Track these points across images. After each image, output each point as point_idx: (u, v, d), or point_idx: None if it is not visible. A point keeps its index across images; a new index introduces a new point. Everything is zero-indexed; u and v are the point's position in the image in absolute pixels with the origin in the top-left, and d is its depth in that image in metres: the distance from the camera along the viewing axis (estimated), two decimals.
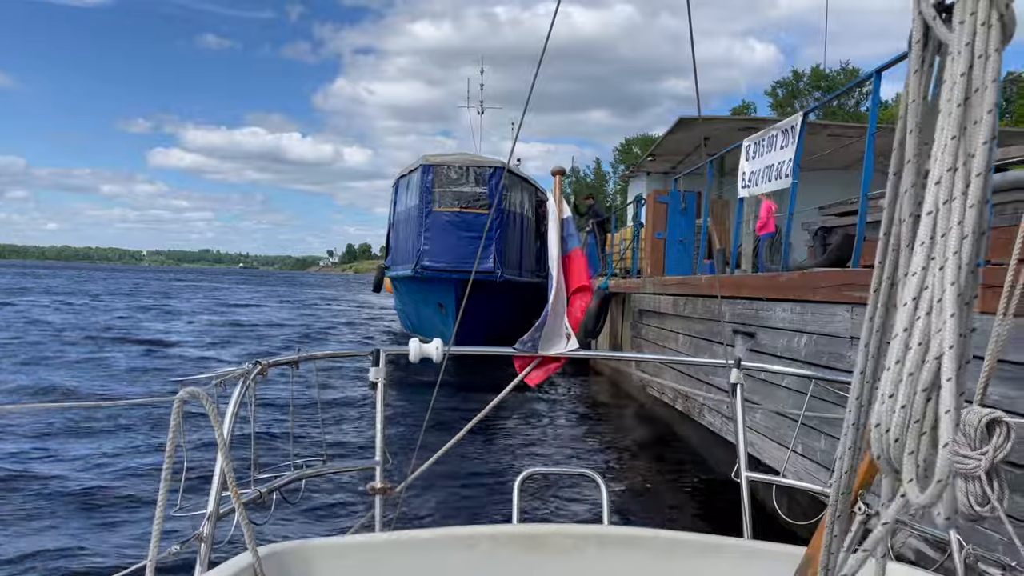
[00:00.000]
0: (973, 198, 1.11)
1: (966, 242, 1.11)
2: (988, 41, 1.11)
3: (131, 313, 39.81)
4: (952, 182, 1.13)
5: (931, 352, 1.13)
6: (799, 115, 9.82)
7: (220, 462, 2.74)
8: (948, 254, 1.12)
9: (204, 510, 2.80)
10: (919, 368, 1.14)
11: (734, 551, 3.20)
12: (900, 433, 1.15)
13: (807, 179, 15.59)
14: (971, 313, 1.14)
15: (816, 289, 7.51)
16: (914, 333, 1.16)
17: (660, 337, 14.30)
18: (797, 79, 61.48)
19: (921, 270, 1.16)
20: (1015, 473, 4.51)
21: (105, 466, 10.07)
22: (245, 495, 3.03)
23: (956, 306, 1.12)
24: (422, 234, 22.97)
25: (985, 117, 1.10)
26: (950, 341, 1.11)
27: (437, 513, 8.34)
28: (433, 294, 23.16)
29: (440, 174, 23.24)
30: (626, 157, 75.65)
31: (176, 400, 2.51)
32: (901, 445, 1.15)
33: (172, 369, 19.41)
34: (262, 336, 30.66)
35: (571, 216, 4.85)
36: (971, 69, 1.11)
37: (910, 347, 1.15)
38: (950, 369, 1.11)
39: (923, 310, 1.15)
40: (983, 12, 1.11)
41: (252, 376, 3.19)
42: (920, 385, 1.13)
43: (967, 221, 1.11)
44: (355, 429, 12.75)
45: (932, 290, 1.14)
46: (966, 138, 1.12)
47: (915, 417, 1.14)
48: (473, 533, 3.31)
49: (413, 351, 4.03)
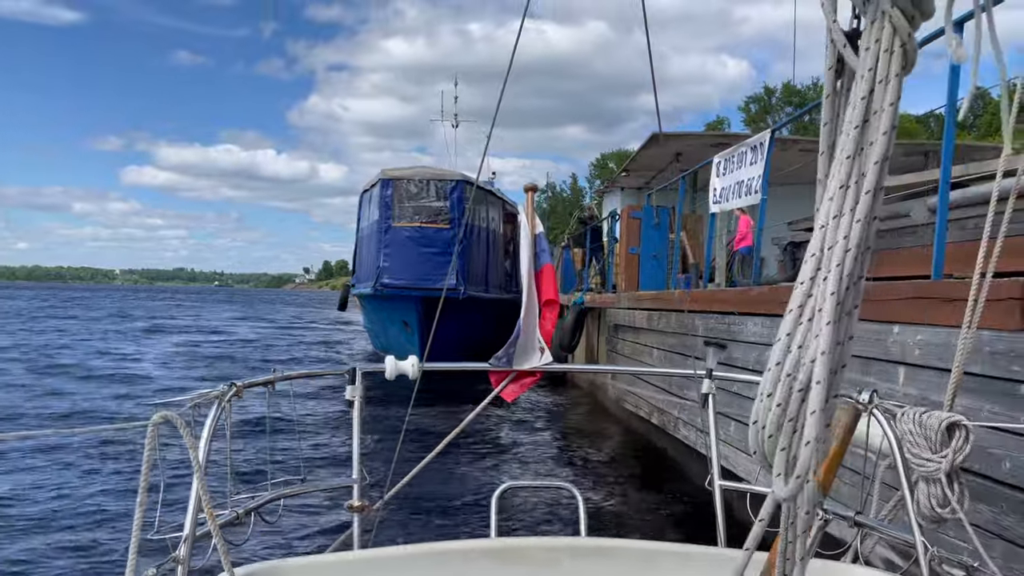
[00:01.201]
0: (860, 214, 1.18)
1: (849, 255, 1.18)
2: (890, 67, 1.19)
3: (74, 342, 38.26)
4: (843, 198, 1.20)
5: (807, 356, 1.19)
6: (767, 132, 9.97)
7: (195, 484, 2.77)
8: (832, 266, 1.19)
9: (181, 532, 2.83)
10: (796, 370, 1.20)
11: (708, 559, 3.23)
12: (774, 430, 1.21)
13: (780, 194, 15.75)
14: (852, 323, 1.21)
15: (784, 303, 7.60)
16: (795, 337, 1.22)
17: (635, 352, 14.39)
18: (769, 95, 62.08)
19: (809, 280, 1.23)
20: (976, 481, 4.61)
21: (82, 490, 10.01)
22: (222, 516, 3.05)
23: (834, 315, 1.17)
24: (381, 250, 22.32)
25: (880, 138, 1.18)
26: (823, 347, 1.17)
27: (416, 529, 8.36)
28: (397, 312, 22.45)
29: (400, 188, 22.64)
30: (602, 172, 75.93)
31: (150, 424, 2.54)
32: (774, 441, 1.22)
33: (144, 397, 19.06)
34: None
35: (543, 232, 4.91)
36: (872, 93, 1.19)
37: (790, 350, 1.21)
38: (821, 373, 1.17)
39: (806, 316, 1.22)
40: (887, 40, 1.19)
41: (227, 398, 3.22)
42: (796, 386, 1.19)
43: (852, 235, 1.18)
44: (332, 447, 12.73)
45: (815, 299, 1.21)
46: (861, 157, 1.20)
47: (789, 416, 1.20)
48: (449, 549, 3.35)
49: (389, 369, 4.07)
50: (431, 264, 21.53)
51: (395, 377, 4.07)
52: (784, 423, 1.21)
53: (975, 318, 3.31)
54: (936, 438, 2.43)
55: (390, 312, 23.21)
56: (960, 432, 2.43)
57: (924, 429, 2.46)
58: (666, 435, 11.96)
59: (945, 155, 5.84)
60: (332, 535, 6.93)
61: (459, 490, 10.25)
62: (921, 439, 2.45)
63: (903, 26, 1.18)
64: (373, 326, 28.85)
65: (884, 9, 1.19)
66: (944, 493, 2.43)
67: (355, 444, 3.80)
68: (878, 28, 1.20)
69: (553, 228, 64.42)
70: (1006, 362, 4.54)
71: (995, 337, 4.63)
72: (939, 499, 2.45)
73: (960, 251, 5.53)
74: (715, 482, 3.82)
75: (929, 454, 2.44)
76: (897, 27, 1.19)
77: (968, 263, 5.11)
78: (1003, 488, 4.45)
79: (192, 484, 2.80)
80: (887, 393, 5.61)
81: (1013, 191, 3.24)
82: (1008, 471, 4.41)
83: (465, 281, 21.55)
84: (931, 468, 2.43)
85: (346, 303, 29.16)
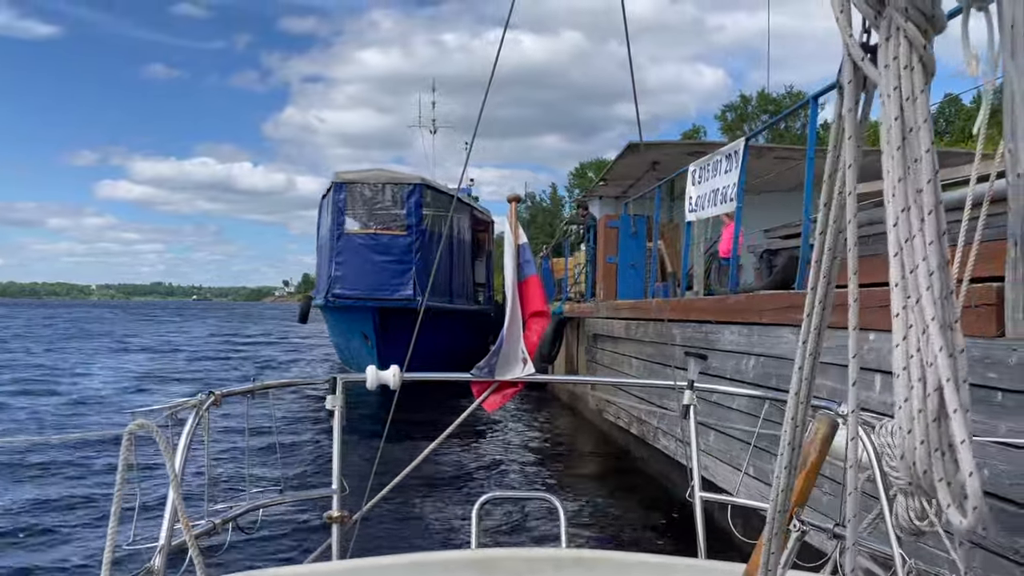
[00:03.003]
0: (931, 235, 1.18)
1: (935, 277, 1.17)
2: (913, 82, 1.18)
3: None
4: (909, 221, 1.19)
5: (930, 386, 1.18)
6: (741, 140, 10.03)
7: (171, 494, 2.76)
8: (921, 290, 1.18)
9: (157, 543, 2.81)
10: (925, 403, 1.19)
11: (688, 571, 3.22)
12: (927, 466, 1.20)
13: (756, 202, 15.86)
14: (957, 336, 1.20)
15: (762, 311, 7.66)
16: (912, 371, 1.20)
17: (614, 361, 14.41)
18: (745, 103, 62.44)
19: (902, 309, 1.21)
20: None
21: (56, 500, 9.91)
22: (198, 527, 3.03)
23: (942, 337, 1.16)
24: (333, 259, 21.05)
25: (924, 156, 1.18)
26: (945, 374, 1.16)
27: (396, 540, 8.31)
28: (355, 324, 21.27)
29: (353, 192, 21.26)
30: (580, 181, 76.12)
31: (126, 432, 2.53)
32: (930, 476, 1.21)
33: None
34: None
35: (527, 243, 4.91)
36: (903, 111, 1.19)
37: (912, 385, 1.20)
38: (953, 400, 1.16)
39: (913, 348, 1.20)
40: (904, 56, 1.19)
41: (205, 406, 3.21)
42: (930, 417, 1.18)
43: (931, 256, 1.17)
44: (312, 457, 12.65)
45: (916, 327, 1.19)
46: (910, 178, 1.19)
47: (935, 447, 1.19)
48: (429, 560, 3.34)
49: (370, 378, 4.05)
50: (387, 273, 20.55)
51: (376, 387, 4.06)
52: (935, 457, 1.20)
53: None
54: None
55: (349, 324, 22.20)
56: None
57: None
58: (646, 445, 11.97)
59: None
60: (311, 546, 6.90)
61: (440, 501, 10.22)
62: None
63: (919, 40, 1.18)
64: (336, 338, 27.74)
65: (898, 24, 1.19)
66: (922, 506, 2.44)
67: (335, 454, 3.79)
68: (894, 44, 1.20)
69: (534, 238, 64.51)
70: (983, 369, 4.56)
71: (971, 344, 4.65)
72: (917, 512, 2.46)
73: None
74: (696, 493, 3.82)
75: None
76: (913, 41, 1.19)
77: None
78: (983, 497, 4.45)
79: (168, 494, 2.78)
80: (864, 401, 5.63)
81: (987, 196, 3.27)
82: (987, 479, 4.42)
83: (424, 291, 20.14)
84: (908, 481, 2.45)
85: (307, 315, 27.20)
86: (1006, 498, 4.28)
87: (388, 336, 19.38)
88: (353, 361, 23.81)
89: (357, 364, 22.00)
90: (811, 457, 2.68)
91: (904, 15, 1.18)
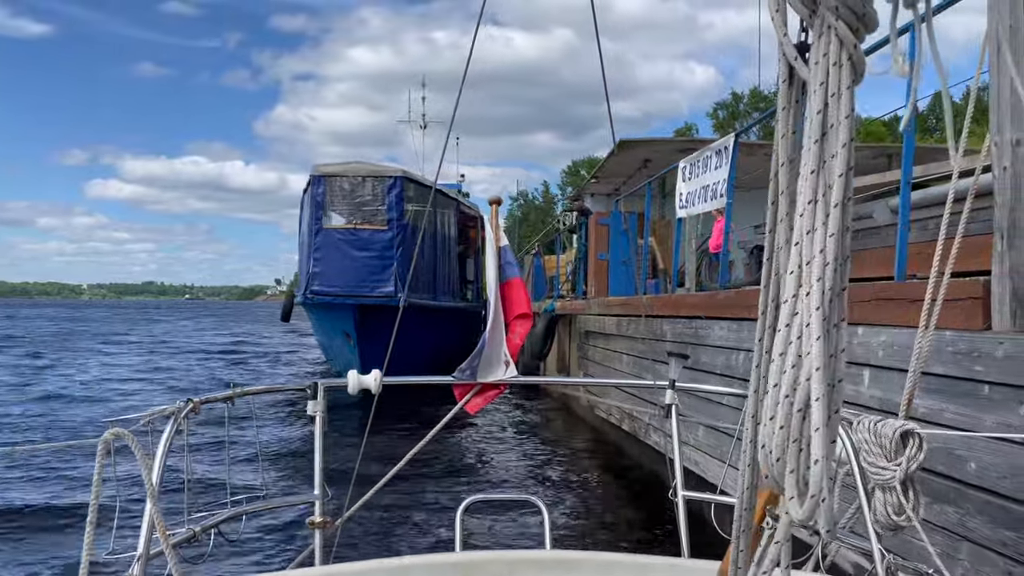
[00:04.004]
0: (833, 228, 1.19)
1: (828, 269, 1.19)
2: (840, 80, 1.20)
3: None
4: (814, 213, 1.21)
5: (802, 374, 1.19)
6: (731, 136, 10.02)
7: (148, 503, 2.73)
8: (813, 281, 1.19)
9: (135, 552, 2.78)
10: (793, 390, 1.20)
11: (670, 570, 3.22)
12: (780, 453, 1.21)
13: (748, 198, 15.81)
14: (841, 336, 1.21)
15: (751, 307, 7.62)
16: (788, 356, 1.22)
17: (606, 358, 14.41)
18: (737, 100, 62.53)
19: (792, 297, 1.23)
20: (942, 483, 4.62)
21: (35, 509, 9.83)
22: (178, 535, 3.01)
23: (822, 330, 1.18)
24: (311, 255, 20.39)
25: (840, 151, 1.19)
26: (817, 363, 1.17)
27: (379, 545, 8.27)
28: (337, 322, 20.50)
29: (333, 186, 20.49)
30: (573, 179, 76.18)
31: (101, 441, 2.50)
32: (782, 464, 1.21)
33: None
34: None
35: (508, 245, 4.89)
36: (826, 107, 1.21)
37: (785, 370, 1.22)
38: (818, 390, 1.17)
39: (795, 335, 1.22)
40: (834, 53, 1.21)
41: (184, 414, 3.18)
42: (796, 406, 1.20)
43: (829, 249, 1.19)
44: (294, 463, 12.55)
45: (801, 315, 1.21)
46: (824, 171, 1.21)
47: (793, 436, 1.20)
48: (412, 563, 3.32)
49: (352, 383, 4.04)
50: (367, 269, 19.89)
51: (357, 392, 4.04)
52: (789, 444, 1.21)
53: (932, 319, 3.32)
54: (890, 446, 2.48)
55: (331, 323, 21.38)
56: (913, 440, 2.47)
57: (879, 438, 2.51)
58: (637, 441, 11.97)
59: (906, 156, 5.88)
60: (294, 552, 6.87)
61: (424, 504, 10.17)
62: (876, 448, 2.50)
63: (849, 38, 1.21)
64: (319, 338, 26.86)
65: (829, 23, 1.21)
66: (899, 501, 2.47)
67: (317, 459, 3.77)
68: (825, 42, 1.22)
69: (526, 236, 64.51)
70: (968, 363, 4.56)
71: (957, 337, 4.65)
72: (895, 507, 2.49)
73: (923, 252, 5.57)
74: (679, 492, 3.82)
75: (884, 463, 2.49)
76: (843, 40, 1.21)
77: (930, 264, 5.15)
78: (969, 490, 4.46)
79: (146, 502, 2.76)
80: (853, 395, 5.62)
81: (971, 190, 3.26)
82: (973, 472, 4.42)
83: (406, 288, 19.49)
84: (886, 476, 2.48)
85: (289, 314, 25.91)
86: (993, 490, 4.29)
87: (370, 334, 18.91)
88: (336, 362, 23.16)
89: (341, 364, 21.34)
90: None
91: (835, 14, 1.21)
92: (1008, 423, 4.21)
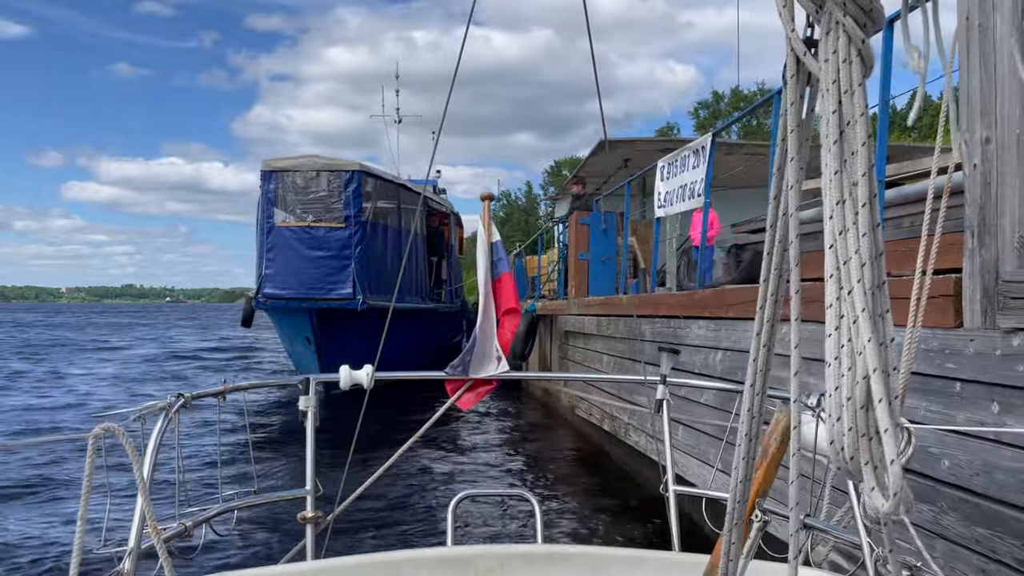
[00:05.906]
0: (864, 226, 1.21)
1: (866, 269, 1.21)
2: (852, 76, 1.22)
3: None
4: (843, 214, 1.23)
5: (858, 374, 1.22)
6: (708, 135, 10.11)
7: (139, 497, 2.77)
8: (853, 282, 1.21)
9: (127, 546, 2.82)
10: (853, 391, 1.22)
11: (661, 564, 3.27)
12: (854, 452, 1.23)
13: (728, 197, 15.96)
14: (887, 326, 1.23)
15: (729, 306, 7.73)
16: (843, 360, 1.24)
17: (586, 358, 14.47)
18: (718, 100, 62.82)
19: (836, 300, 1.25)
20: (917, 481, 4.68)
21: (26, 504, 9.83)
22: (170, 529, 3.05)
23: (872, 328, 1.20)
24: (264, 255, 19.25)
25: (860, 150, 1.21)
26: (873, 364, 1.20)
27: (371, 540, 8.32)
28: (296, 327, 19.65)
29: (284, 181, 19.33)
30: (555, 179, 76.17)
31: (91, 437, 2.54)
32: (857, 462, 1.24)
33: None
34: None
35: (500, 241, 4.92)
36: (840, 105, 1.23)
37: (843, 373, 1.24)
38: (879, 390, 1.19)
39: (844, 337, 1.23)
40: (843, 50, 1.22)
41: (175, 409, 3.22)
42: (858, 404, 1.22)
43: (863, 248, 1.21)
44: (285, 458, 12.59)
45: (847, 317, 1.23)
46: (847, 170, 1.23)
47: (861, 432, 1.23)
48: (403, 558, 3.37)
49: (343, 378, 4.06)
50: (323, 270, 18.89)
51: (349, 387, 4.08)
52: (861, 444, 1.23)
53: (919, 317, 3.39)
54: None
55: (291, 327, 20.44)
56: (902, 435, 2.51)
57: None
58: (617, 441, 12.04)
59: (879, 154, 5.96)
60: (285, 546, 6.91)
61: (416, 499, 10.22)
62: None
63: (857, 34, 1.21)
64: (284, 343, 25.09)
65: (837, 19, 1.22)
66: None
67: (308, 454, 3.80)
68: (833, 38, 1.23)
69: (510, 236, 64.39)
70: (941, 360, 4.60)
71: (929, 334, 4.71)
72: None
73: (895, 249, 5.62)
74: (670, 487, 3.87)
75: None
76: (852, 36, 1.22)
77: (905, 261, 5.21)
78: (943, 487, 4.49)
79: (137, 496, 2.80)
80: None
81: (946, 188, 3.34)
82: (947, 470, 4.45)
83: (366, 289, 18.76)
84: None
85: (250, 319, 23.26)
86: (966, 488, 4.32)
87: (330, 339, 18.33)
88: (301, 366, 21.98)
89: (305, 370, 20.00)
90: (771, 448, 2.74)
91: (843, 9, 1.22)
92: (980, 420, 4.24)
